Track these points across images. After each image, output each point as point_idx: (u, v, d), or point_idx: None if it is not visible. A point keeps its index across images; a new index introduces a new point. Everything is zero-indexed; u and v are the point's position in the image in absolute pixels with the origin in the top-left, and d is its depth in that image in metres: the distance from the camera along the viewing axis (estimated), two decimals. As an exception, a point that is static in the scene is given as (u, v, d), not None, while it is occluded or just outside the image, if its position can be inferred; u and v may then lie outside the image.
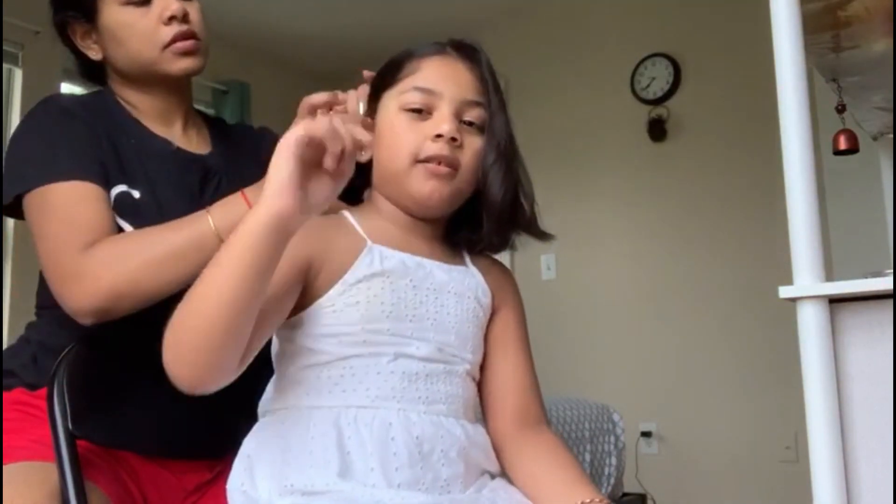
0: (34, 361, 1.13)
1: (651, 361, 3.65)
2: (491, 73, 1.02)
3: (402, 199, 0.99)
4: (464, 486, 0.93)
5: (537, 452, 0.99)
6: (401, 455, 0.88)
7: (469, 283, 1.02)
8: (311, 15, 4.21)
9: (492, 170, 0.97)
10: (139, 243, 1.07)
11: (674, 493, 3.42)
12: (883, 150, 2.29)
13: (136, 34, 1.18)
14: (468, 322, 1.00)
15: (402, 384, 0.92)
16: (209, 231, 1.05)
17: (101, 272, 1.03)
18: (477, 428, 0.98)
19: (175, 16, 1.18)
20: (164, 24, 1.17)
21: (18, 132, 1.15)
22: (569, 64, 4.06)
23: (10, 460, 0.94)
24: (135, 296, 1.04)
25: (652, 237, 3.74)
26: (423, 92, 0.97)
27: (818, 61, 1.61)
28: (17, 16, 3.19)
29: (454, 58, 1.01)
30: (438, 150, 0.95)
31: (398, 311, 0.94)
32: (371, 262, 0.94)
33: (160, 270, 1.04)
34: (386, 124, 0.99)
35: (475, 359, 1.01)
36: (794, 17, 1.01)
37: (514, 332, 1.06)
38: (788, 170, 0.98)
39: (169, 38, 1.18)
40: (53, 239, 1.07)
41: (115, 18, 1.19)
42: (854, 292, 0.95)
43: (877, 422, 0.93)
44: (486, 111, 0.99)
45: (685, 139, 3.71)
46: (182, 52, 1.19)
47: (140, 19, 1.18)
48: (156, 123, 1.24)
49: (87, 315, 1.04)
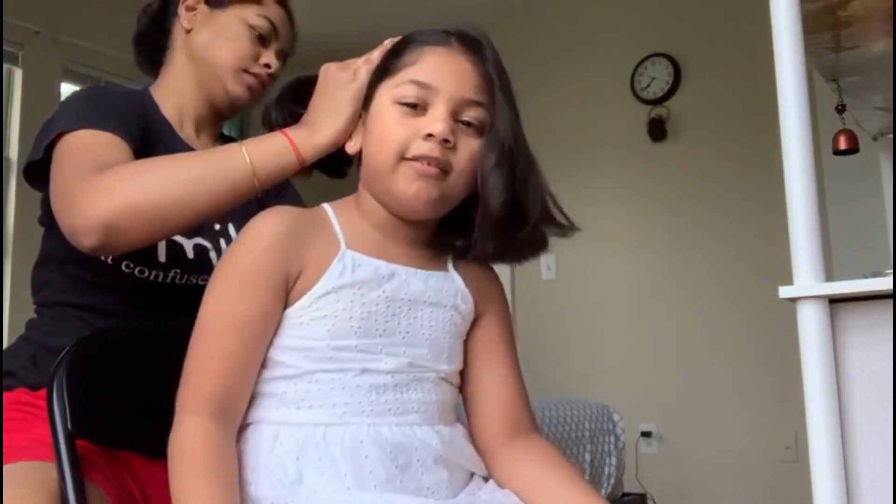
0: (34, 362, 1.13)
1: (651, 361, 3.65)
2: (498, 70, 0.94)
3: (385, 198, 0.93)
4: (451, 492, 0.90)
5: (534, 461, 0.96)
6: (377, 473, 0.85)
7: (447, 290, 0.96)
8: (312, 15, 4.21)
9: (492, 175, 0.90)
10: (162, 163, 1.02)
11: (674, 493, 3.42)
12: (883, 150, 2.29)
13: (236, 44, 1.25)
14: (444, 332, 0.95)
15: (371, 397, 0.89)
16: (242, 164, 1.00)
17: (116, 185, 0.97)
18: (455, 429, 0.95)
19: (270, 66, 1.27)
20: (257, 62, 1.26)
21: (60, 107, 1.14)
22: (569, 64, 4.06)
23: (12, 460, 0.94)
24: (149, 216, 0.96)
25: (652, 237, 3.74)
26: (419, 86, 0.91)
27: (818, 61, 1.61)
28: (17, 16, 3.20)
29: (457, 50, 0.93)
30: (428, 150, 0.89)
31: (367, 326, 0.90)
32: (342, 271, 0.90)
33: (181, 194, 0.97)
34: (377, 116, 0.94)
35: (451, 368, 0.97)
36: (794, 17, 1.01)
37: (500, 340, 1.01)
38: (788, 170, 0.98)
39: (251, 69, 1.25)
40: (70, 170, 1.01)
41: (231, 24, 1.25)
42: (854, 292, 0.95)
43: (877, 422, 0.93)
44: (486, 111, 0.92)
45: (685, 139, 3.71)
46: (248, 84, 1.26)
47: (247, 43, 1.25)
48: (184, 129, 1.27)
49: (94, 231, 0.95)
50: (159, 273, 1.16)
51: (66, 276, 1.17)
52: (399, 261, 0.94)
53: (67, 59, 3.44)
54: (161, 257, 1.15)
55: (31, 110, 3.29)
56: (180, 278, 1.18)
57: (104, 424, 0.98)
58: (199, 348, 0.89)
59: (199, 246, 1.20)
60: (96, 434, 0.97)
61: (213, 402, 0.86)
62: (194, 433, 0.84)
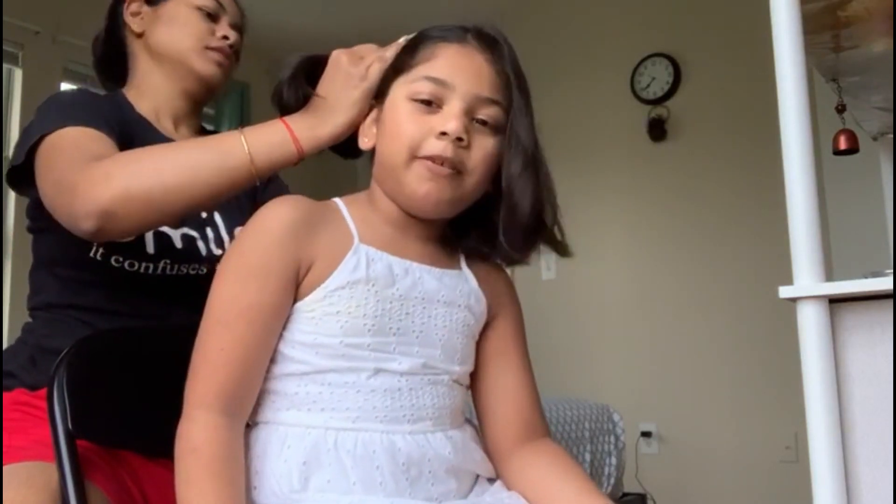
0: (33, 363, 1.13)
1: (651, 361, 3.65)
2: (515, 70, 0.92)
3: (397, 196, 0.92)
4: (458, 497, 0.90)
5: (544, 464, 0.95)
6: (387, 484, 0.84)
7: (461, 290, 0.95)
8: (312, 15, 4.21)
9: (519, 180, 0.89)
10: (159, 151, 1.04)
11: (674, 493, 3.42)
12: (883, 150, 2.29)
13: (188, 27, 1.26)
14: (457, 333, 0.94)
15: (385, 402, 0.87)
16: (241, 153, 0.99)
17: (114, 171, 0.97)
18: (465, 432, 0.95)
19: (228, 38, 1.28)
20: (215, 37, 1.27)
21: (36, 113, 1.15)
22: (569, 64, 4.06)
23: (12, 460, 0.94)
24: (145, 203, 0.96)
25: (652, 237, 3.74)
26: (435, 82, 0.88)
27: (818, 61, 1.61)
28: (17, 16, 3.20)
29: (474, 48, 0.92)
30: (441, 149, 0.87)
31: (381, 324, 0.88)
32: (356, 266, 0.88)
33: (178, 182, 0.97)
34: (391, 112, 0.92)
35: (463, 369, 0.96)
36: (794, 17, 1.01)
37: (513, 342, 1.00)
38: (788, 170, 0.98)
39: (213, 44, 1.27)
40: (64, 162, 1.02)
41: (178, 11, 1.26)
42: (854, 292, 0.95)
43: (877, 422, 0.93)
44: (502, 111, 0.90)
45: (685, 139, 3.71)
46: (215, 60, 1.27)
47: (199, 22, 1.27)
48: (162, 125, 1.27)
49: (93, 215, 0.95)
50: (149, 265, 1.16)
51: (58, 279, 1.18)
52: (412, 258, 0.93)
53: (67, 59, 3.44)
54: (150, 248, 1.16)
55: (31, 110, 3.25)
56: (171, 269, 1.18)
57: (104, 424, 0.98)
58: (209, 339, 0.86)
59: (187, 236, 1.20)
60: (97, 434, 0.97)
61: (224, 395, 0.84)
62: (205, 429, 0.82)
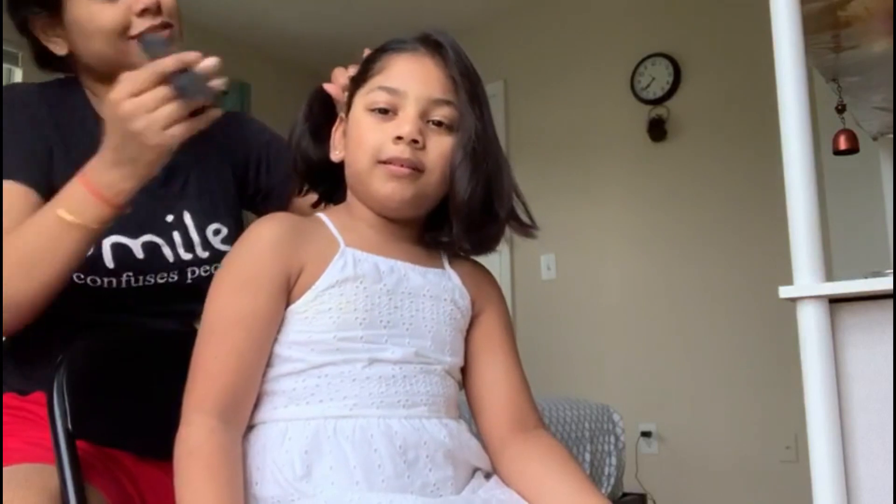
0: (19, 368, 1.12)
1: (651, 361, 3.65)
2: (461, 69, 0.97)
3: (367, 199, 0.98)
4: (455, 488, 0.91)
5: (539, 456, 0.97)
6: (385, 467, 0.86)
7: (445, 286, 1.00)
8: (312, 15, 4.22)
9: (458, 170, 0.94)
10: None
11: (674, 493, 3.42)
12: (883, 150, 2.29)
13: (104, 27, 1.11)
14: (445, 325, 0.98)
15: (381, 388, 0.91)
16: (66, 224, 0.97)
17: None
18: (460, 425, 0.97)
19: (148, 8, 1.11)
20: (135, 17, 1.12)
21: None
22: (568, 64, 4.06)
23: (9, 462, 0.93)
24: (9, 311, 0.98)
25: (652, 237, 3.74)
26: (388, 91, 0.94)
27: (818, 61, 1.62)
28: (17, 16, 3.19)
29: (423, 54, 0.97)
30: (399, 152, 0.92)
31: (371, 317, 0.92)
32: (344, 266, 0.93)
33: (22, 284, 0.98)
34: (354, 124, 0.97)
35: (454, 361, 0.99)
36: (794, 17, 1.01)
37: (500, 336, 1.04)
38: (788, 170, 0.98)
39: (142, 30, 1.11)
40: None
41: (81, 12, 1.12)
42: (854, 292, 0.95)
43: (877, 422, 0.93)
44: (456, 110, 0.96)
45: (685, 139, 3.71)
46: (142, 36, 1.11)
47: (109, 12, 1.11)
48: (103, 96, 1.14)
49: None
50: (111, 280, 1.12)
51: None
52: (397, 257, 0.98)
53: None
54: (108, 263, 1.11)
55: (30, 110, 3.28)
56: (134, 281, 1.14)
57: (104, 424, 0.98)
58: (206, 348, 0.90)
59: (149, 244, 1.15)
60: (97, 434, 0.97)
61: (221, 401, 0.87)
62: (202, 433, 0.85)
